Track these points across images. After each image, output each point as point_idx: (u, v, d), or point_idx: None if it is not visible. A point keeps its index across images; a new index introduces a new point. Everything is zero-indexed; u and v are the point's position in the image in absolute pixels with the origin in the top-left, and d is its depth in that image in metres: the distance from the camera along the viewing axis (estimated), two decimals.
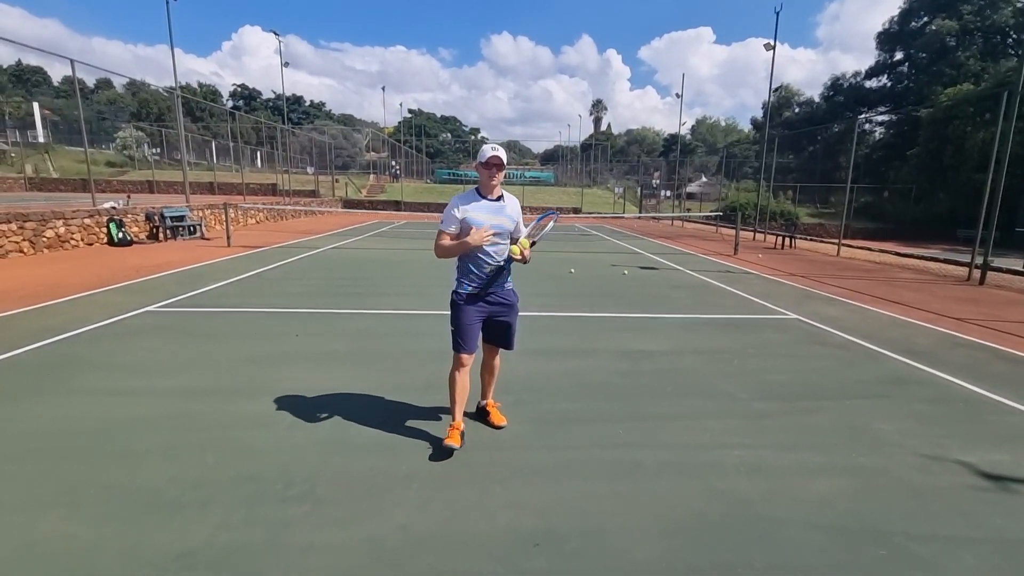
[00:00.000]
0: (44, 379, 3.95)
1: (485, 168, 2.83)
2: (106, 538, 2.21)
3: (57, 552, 2.11)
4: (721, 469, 2.91)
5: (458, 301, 2.96)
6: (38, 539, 2.19)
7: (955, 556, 2.23)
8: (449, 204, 2.92)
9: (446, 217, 2.87)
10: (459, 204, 2.87)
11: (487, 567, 2.11)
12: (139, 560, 2.08)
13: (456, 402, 2.99)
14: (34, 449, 2.93)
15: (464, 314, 2.94)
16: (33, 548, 2.13)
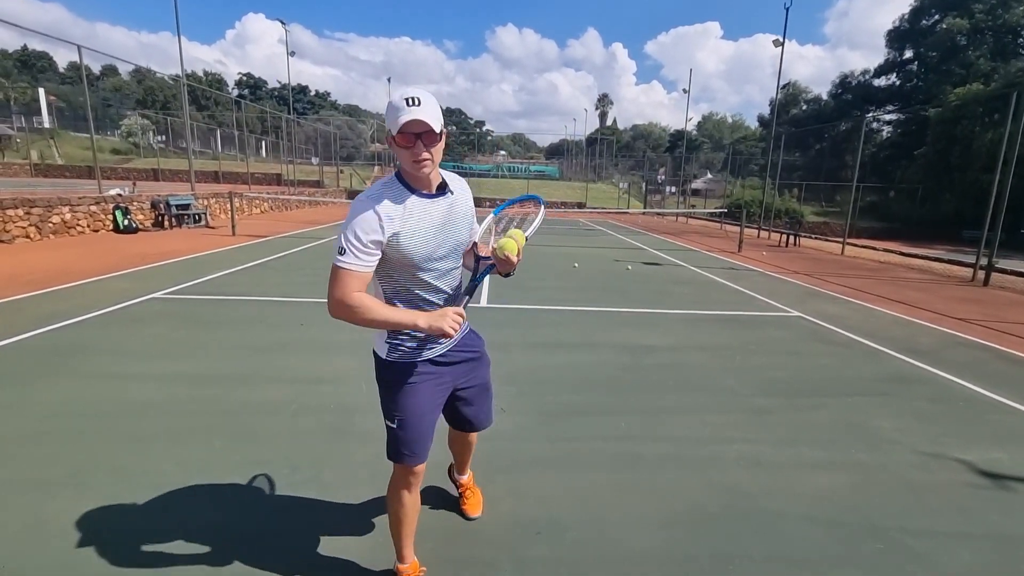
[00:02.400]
0: (53, 363, 4.00)
1: (403, 141, 1.48)
2: (113, 519, 2.25)
3: (65, 531, 2.15)
4: (721, 463, 2.93)
5: (400, 375, 1.71)
6: (46, 518, 2.23)
7: (952, 552, 2.26)
8: (364, 204, 1.52)
9: (354, 234, 1.48)
10: (381, 212, 1.51)
11: (489, 554, 2.15)
12: (147, 540, 2.12)
13: (405, 536, 1.87)
14: (44, 431, 2.98)
15: (416, 396, 1.72)
16: (41, 527, 2.18)
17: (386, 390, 1.74)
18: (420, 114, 1.45)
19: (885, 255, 15.10)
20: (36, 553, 2.03)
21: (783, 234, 17.49)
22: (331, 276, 1.52)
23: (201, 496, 2.43)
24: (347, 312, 1.52)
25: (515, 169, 53.98)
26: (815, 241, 18.51)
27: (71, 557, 2.01)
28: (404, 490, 1.79)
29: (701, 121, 78.51)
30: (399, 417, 1.71)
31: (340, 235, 1.50)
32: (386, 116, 1.51)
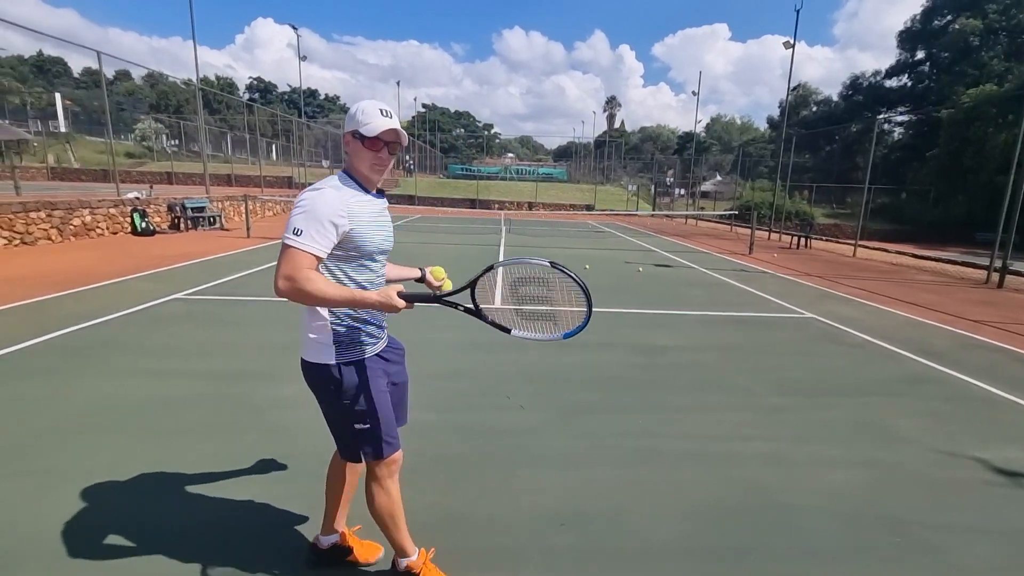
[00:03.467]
0: (84, 360, 4.13)
1: (372, 146, 1.61)
2: (153, 508, 2.35)
3: (107, 521, 2.25)
4: (738, 459, 2.99)
5: (358, 376, 1.71)
6: (89, 507, 2.33)
7: (970, 546, 2.30)
8: (324, 194, 1.55)
9: (315, 219, 1.52)
10: (344, 202, 1.57)
11: (516, 543, 2.22)
12: (187, 527, 2.21)
13: (404, 527, 1.90)
14: (81, 424, 3.09)
15: (378, 389, 1.75)
16: (83, 516, 2.28)
17: (344, 395, 1.69)
18: (395, 125, 1.62)
19: (897, 257, 15.01)
20: (81, 539, 2.13)
21: (794, 236, 17.43)
22: (281, 255, 1.51)
23: (237, 487, 2.53)
24: (295, 290, 1.49)
25: (523, 172, 54.09)
26: (826, 243, 18.42)
27: (115, 543, 2.11)
28: (390, 482, 1.81)
29: (710, 123, 78.19)
30: (368, 416, 1.71)
31: (296, 216, 1.52)
32: (354, 118, 1.61)
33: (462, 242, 14.03)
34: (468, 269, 2.05)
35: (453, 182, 42.06)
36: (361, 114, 1.60)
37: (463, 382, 4.05)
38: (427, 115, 77.05)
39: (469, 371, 4.30)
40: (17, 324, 4.92)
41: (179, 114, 48.73)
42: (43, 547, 2.07)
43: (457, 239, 14.70)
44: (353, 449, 1.77)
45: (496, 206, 32.53)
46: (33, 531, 2.16)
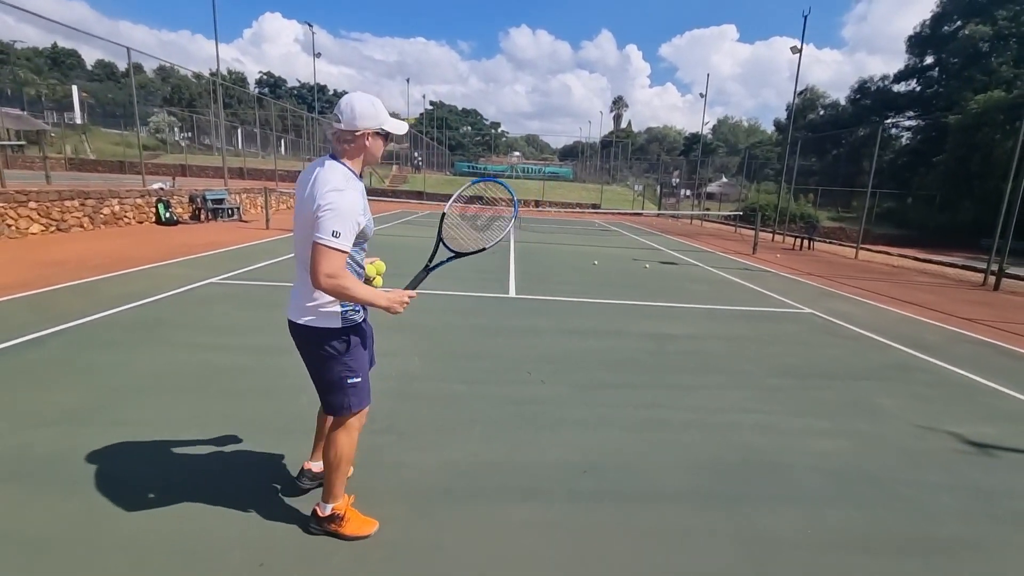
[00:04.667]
0: (143, 334, 4.54)
1: (383, 142, 1.90)
2: (235, 453, 2.75)
3: (200, 465, 2.65)
4: (738, 428, 3.36)
5: (357, 336, 2.00)
6: (179, 451, 2.73)
7: (935, 497, 2.68)
8: (348, 194, 1.74)
9: (349, 222, 1.73)
10: (361, 199, 1.83)
11: (546, 485, 2.60)
12: (268, 468, 2.61)
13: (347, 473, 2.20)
14: (156, 386, 3.49)
15: (365, 350, 2.06)
16: (175, 458, 2.68)
17: (341, 354, 1.94)
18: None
19: (899, 260, 15.30)
20: (178, 476, 2.53)
21: (797, 238, 17.72)
22: (322, 256, 1.68)
23: (300, 437, 2.92)
24: (336, 286, 1.72)
25: (529, 170, 54.44)
26: (829, 246, 18.70)
27: (201, 479, 2.51)
28: (356, 432, 2.09)
29: (716, 125, 78.23)
30: (359, 372, 2.00)
31: (331, 219, 1.68)
32: (376, 117, 1.82)
33: None
34: (476, 263, 2.42)
35: (461, 179, 42.46)
36: (383, 114, 1.83)
37: (487, 361, 4.43)
38: (435, 112, 77.42)
39: (491, 352, 4.68)
40: (74, 302, 5.34)
41: (192, 107, 49.30)
42: (144, 484, 2.47)
43: None
44: (340, 402, 2.00)
45: (503, 203, 32.84)
46: (132, 471, 2.56)
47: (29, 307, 5.10)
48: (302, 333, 1.95)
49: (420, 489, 2.51)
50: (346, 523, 2.10)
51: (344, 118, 1.79)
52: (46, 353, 3.94)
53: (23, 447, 2.64)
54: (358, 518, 2.14)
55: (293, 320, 1.96)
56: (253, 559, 1.98)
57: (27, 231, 9.37)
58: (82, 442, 2.73)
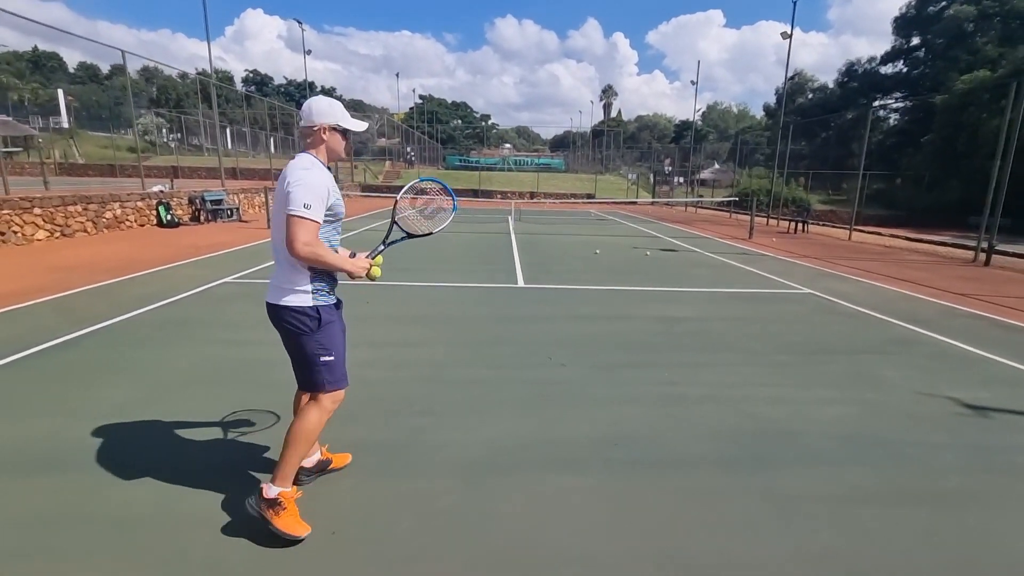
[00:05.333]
0: (173, 333, 4.68)
1: (346, 139, 2.15)
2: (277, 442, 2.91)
3: (252, 450, 2.83)
4: (751, 400, 3.57)
5: (328, 316, 2.12)
6: (229, 439, 2.90)
7: (938, 455, 2.90)
8: (316, 173, 1.98)
9: (316, 195, 1.93)
10: (329, 180, 2.03)
11: (582, 455, 2.80)
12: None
13: (304, 457, 2.22)
14: (195, 379, 3.65)
15: (337, 330, 2.18)
16: (225, 443, 2.85)
17: (314, 333, 2.07)
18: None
19: (891, 240, 15.61)
20: (235, 460, 2.70)
21: (792, 221, 17.99)
22: (296, 226, 1.88)
23: (346, 422, 3.09)
24: (312, 253, 1.93)
25: (521, 163, 54.38)
26: (823, 228, 19.00)
27: (264, 464, 2.68)
28: (328, 413, 2.18)
29: (706, 111, 78.35)
30: (332, 350, 2.13)
31: (303, 194, 1.89)
32: (334, 115, 2.07)
33: (471, 231, 14.53)
34: (483, 255, 2.58)
35: (454, 173, 42.41)
36: (340, 113, 2.10)
37: (507, 347, 4.62)
38: (424, 106, 77.02)
39: (510, 339, 4.86)
40: (97, 304, 5.46)
41: (179, 108, 48.76)
42: (202, 467, 2.64)
43: (468, 227, 15.19)
44: (316, 378, 2.13)
45: (498, 196, 32.95)
46: (188, 456, 2.73)
47: (55, 311, 5.22)
48: (277, 313, 2.09)
49: (466, 463, 2.70)
50: (283, 514, 2.04)
51: (304, 115, 2.07)
52: (84, 353, 4.09)
53: (84, 439, 2.80)
54: (294, 516, 2.07)
55: (269, 301, 2.12)
56: (325, 528, 2.16)
57: (33, 237, 9.42)
58: (138, 432, 2.90)
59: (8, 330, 4.57)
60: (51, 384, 3.50)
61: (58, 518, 2.18)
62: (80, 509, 2.24)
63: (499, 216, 19.76)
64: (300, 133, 2.12)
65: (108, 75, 72.26)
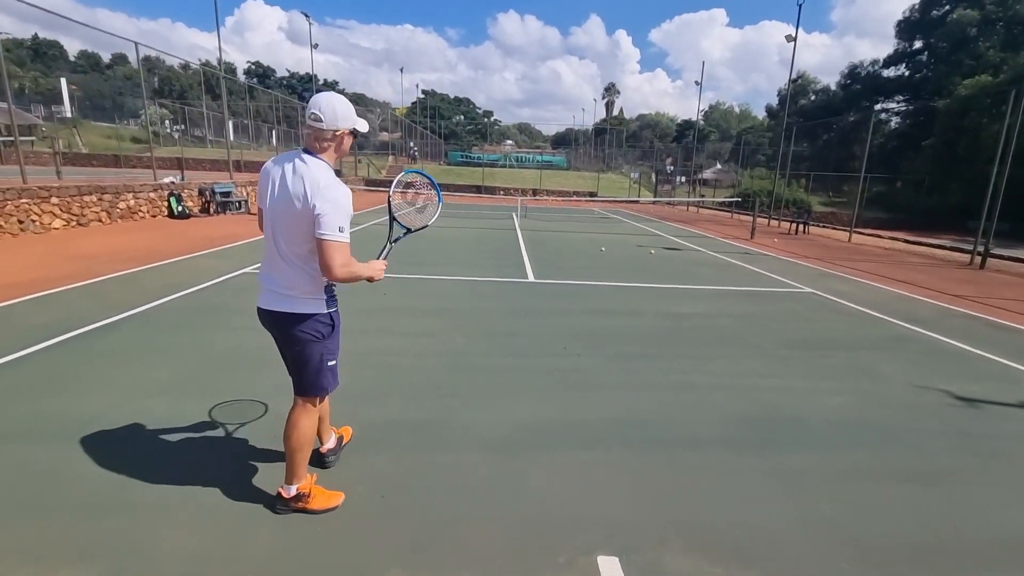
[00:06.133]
0: (206, 319, 4.90)
1: (355, 139, 2.11)
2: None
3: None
4: (757, 389, 3.81)
5: (338, 321, 2.19)
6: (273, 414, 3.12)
7: (930, 440, 3.14)
8: (340, 190, 1.93)
9: (346, 214, 1.94)
10: (350, 196, 1.98)
11: (602, 436, 3.03)
12: (354, 425, 3.00)
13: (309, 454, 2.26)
14: (234, 361, 3.87)
15: (339, 335, 2.23)
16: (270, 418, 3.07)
17: (326, 339, 2.11)
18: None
19: (891, 243, 15.86)
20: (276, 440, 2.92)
21: (793, 222, 18.23)
22: (335, 251, 1.86)
23: (378, 403, 3.32)
24: (351, 273, 1.95)
25: (523, 159, 54.48)
26: (823, 230, 19.25)
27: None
28: (317, 416, 2.24)
29: (708, 111, 78.45)
30: (335, 354, 2.19)
31: (336, 217, 1.86)
32: (349, 118, 1.98)
33: (478, 227, 14.74)
34: (491, 251, 2.79)
35: (457, 169, 42.55)
36: (352, 112, 2.00)
37: (523, 339, 4.84)
38: (427, 101, 76.99)
39: (525, 331, 5.09)
40: (126, 292, 5.67)
41: (182, 99, 48.75)
42: (251, 438, 2.87)
43: (474, 223, 15.41)
44: (320, 383, 2.16)
45: (501, 192, 33.14)
46: (238, 429, 2.95)
47: (87, 296, 5.43)
48: (286, 321, 2.03)
49: (494, 440, 2.92)
50: (312, 499, 2.20)
51: (326, 118, 1.92)
52: (125, 336, 4.30)
53: (141, 412, 3.02)
54: (324, 493, 2.24)
55: (275, 310, 2.03)
56: (374, 492, 2.38)
57: (50, 226, 9.60)
58: (189, 408, 3.11)
59: (46, 314, 4.78)
60: (98, 364, 3.72)
61: (128, 480, 2.40)
62: (154, 473, 2.46)
63: (503, 213, 19.96)
64: (314, 135, 1.96)
65: (109, 64, 72.13)
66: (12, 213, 8.78)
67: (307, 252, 1.96)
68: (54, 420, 2.90)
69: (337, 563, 1.96)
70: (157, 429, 2.86)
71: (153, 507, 2.23)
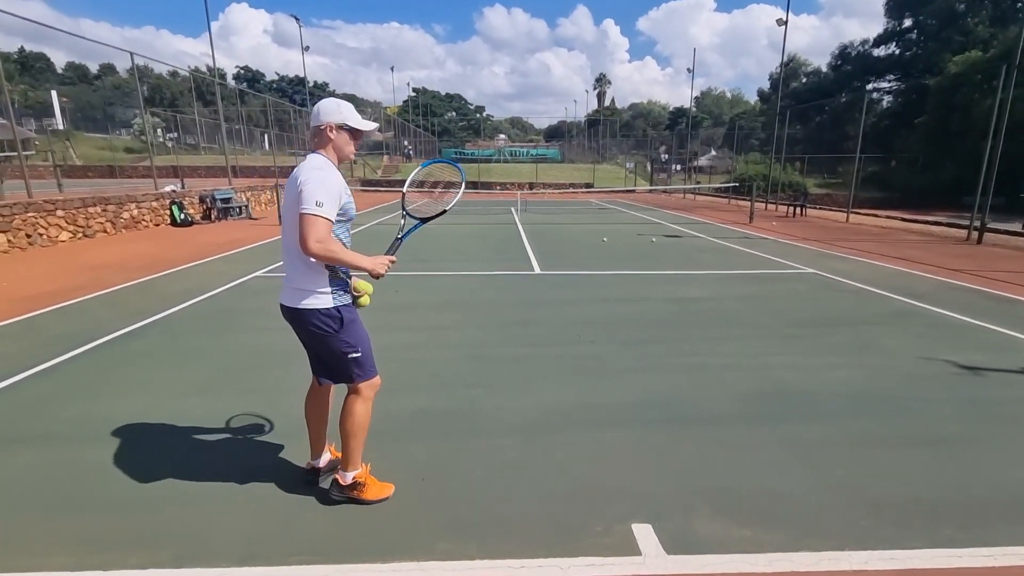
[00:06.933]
0: (227, 322, 5.01)
1: (356, 137, 2.17)
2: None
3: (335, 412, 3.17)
4: (767, 368, 3.94)
5: (349, 315, 2.18)
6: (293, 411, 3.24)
7: (937, 407, 3.28)
8: (328, 173, 2.01)
9: (330, 194, 1.96)
10: (341, 180, 2.07)
11: (622, 415, 3.16)
12: (385, 415, 3.13)
13: (363, 442, 2.32)
14: (262, 361, 3.99)
15: (360, 326, 2.25)
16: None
17: (338, 331, 2.13)
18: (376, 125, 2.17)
19: (887, 221, 15.99)
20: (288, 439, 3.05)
21: (790, 206, 18.35)
22: (309, 223, 1.89)
23: (409, 392, 3.44)
24: (325, 250, 1.92)
25: (517, 153, 54.41)
26: (820, 211, 19.37)
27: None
28: (371, 402, 2.28)
29: (700, 97, 78.35)
30: (357, 346, 2.19)
31: (316, 191, 1.91)
32: (341, 113, 2.07)
33: (479, 222, 14.84)
34: (495, 246, 2.90)
35: None
36: (349, 112, 2.10)
37: (537, 328, 4.97)
38: (419, 99, 76.73)
39: (538, 321, 5.21)
40: (144, 299, 5.77)
41: (174, 107, 48.57)
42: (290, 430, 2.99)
43: (476, 219, 15.50)
44: (348, 372, 2.21)
45: (497, 187, 33.17)
46: (276, 423, 3.08)
47: (105, 306, 5.54)
48: (297, 316, 2.12)
49: (521, 424, 3.05)
50: (367, 489, 2.28)
51: (312, 117, 2.12)
52: (152, 341, 4.42)
53: (181, 411, 3.14)
54: (376, 484, 2.33)
55: (287, 304, 2.14)
56: (414, 476, 2.51)
57: (57, 239, 9.69)
58: (225, 404, 3.24)
59: (70, 324, 4.89)
60: (130, 368, 3.84)
61: (178, 474, 2.52)
62: (201, 467, 2.58)
63: (502, 207, 20.05)
64: (310, 135, 2.15)
65: (97, 75, 71.66)
66: (20, 227, 8.86)
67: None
68: (98, 422, 3.02)
69: (388, 540, 2.08)
70: (198, 426, 2.98)
71: (206, 498, 2.35)
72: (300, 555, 1.99)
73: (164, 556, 1.98)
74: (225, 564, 1.94)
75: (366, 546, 2.05)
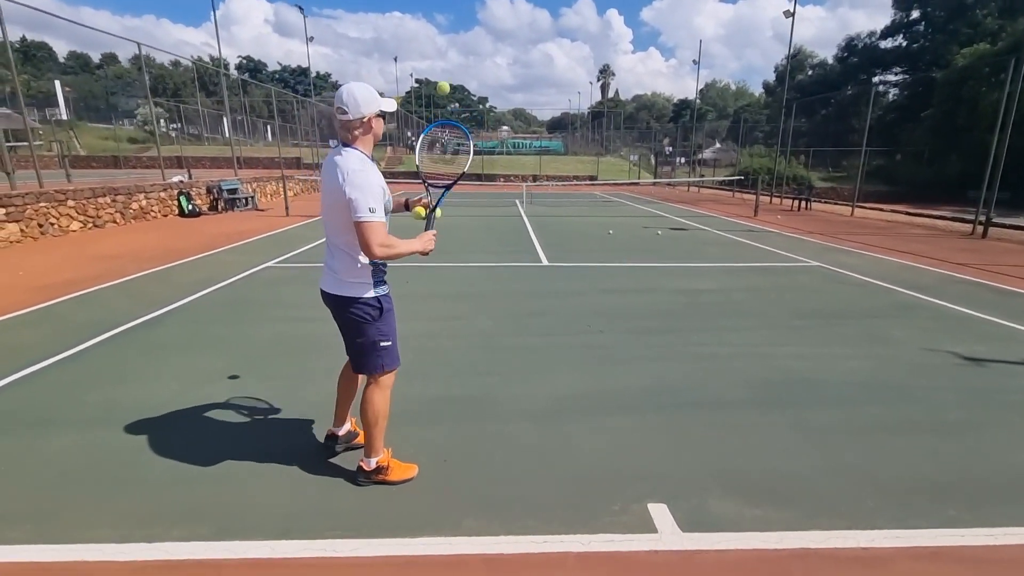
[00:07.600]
0: (243, 311, 5.11)
1: (382, 121, 2.15)
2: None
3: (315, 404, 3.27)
4: (775, 357, 4.02)
5: (388, 304, 2.29)
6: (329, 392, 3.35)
7: (941, 395, 3.37)
8: (370, 173, 2.02)
9: (377, 196, 2.00)
10: (382, 178, 2.09)
11: (635, 402, 3.25)
12: (403, 401, 3.22)
13: (384, 428, 2.39)
14: (280, 349, 4.09)
15: (394, 317, 2.36)
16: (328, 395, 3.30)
17: (376, 320, 2.22)
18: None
19: (892, 215, 16.00)
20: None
21: (795, 199, 18.35)
22: (368, 230, 1.95)
23: (424, 380, 3.54)
24: (390, 251, 2.02)
25: (520, 145, 54.22)
26: (825, 205, 19.37)
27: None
28: (389, 391, 2.36)
29: (704, 89, 77.74)
30: (389, 336, 2.29)
31: (366, 199, 1.94)
32: (375, 101, 2.03)
33: (485, 215, 14.89)
34: (502, 237, 2.97)
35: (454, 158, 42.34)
36: (373, 96, 2.04)
37: (547, 318, 5.06)
38: (422, 90, 76.37)
39: (547, 311, 5.30)
40: (159, 289, 5.87)
41: (176, 97, 48.49)
42: (313, 413, 3.09)
43: (481, 211, 15.54)
44: (375, 362, 2.28)
45: (501, 179, 33.17)
46: (299, 407, 3.18)
47: (123, 295, 5.64)
48: (340, 303, 2.20)
49: (536, 410, 3.15)
50: (391, 472, 2.38)
51: (350, 108, 2.01)
52: (171, 330, 4.52)
53: (207, 397, 3.25)
54: (400, 466, 2.42)
55: (330, 292, 2.22)
56: (436, 458, 2.61)
57: (68, 228, 9.78)
58: (251, 391, 3.34)
59: (90, 312, 5.00)
60: (154, 356, 3.94)
61: (210, 456, 2.62)
62: (231, 449, 2.69)
63: (507, 200, 20.07)
64: (344, 127, 2.06)
65: (99, 64, 71.44)
66: (32, 217, 8.96)
67: (347, 240, 2.10)
68: (127, 407, 3.12)
69: (416, 517, 2.19)
70: (225, 411, 3.09)
71: (240, 477, 2.46)
72: (335, 530, 2.09)
73: (206, 530, 2.09)
74: (264, 537, 2.05)
75: (397, 522, 2.15)
